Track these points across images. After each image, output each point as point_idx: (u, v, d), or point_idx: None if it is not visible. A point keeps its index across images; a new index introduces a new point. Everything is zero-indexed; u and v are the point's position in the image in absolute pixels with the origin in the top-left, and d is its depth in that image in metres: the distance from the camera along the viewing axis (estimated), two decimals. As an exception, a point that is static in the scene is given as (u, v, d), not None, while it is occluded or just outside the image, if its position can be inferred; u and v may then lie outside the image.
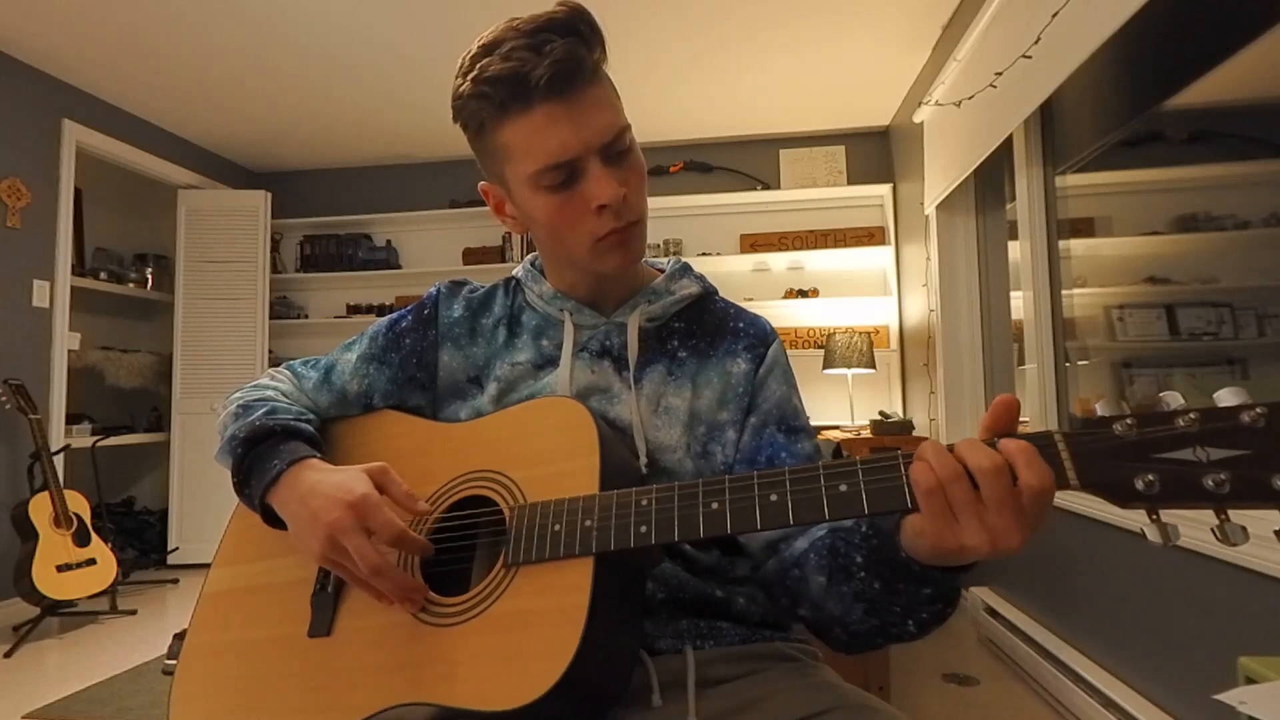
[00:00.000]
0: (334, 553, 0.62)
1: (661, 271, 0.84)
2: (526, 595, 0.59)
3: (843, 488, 0.52)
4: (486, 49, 0.66)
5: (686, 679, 0.62)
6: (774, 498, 0.54)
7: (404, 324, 0.83)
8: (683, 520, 0.56)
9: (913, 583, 0.55)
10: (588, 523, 0.59)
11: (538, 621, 0.57)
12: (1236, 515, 0.44)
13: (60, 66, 3.17)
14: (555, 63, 0.63)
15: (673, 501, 0.57)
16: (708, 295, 0.83)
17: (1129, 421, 0.46)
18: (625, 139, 0.69)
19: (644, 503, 0.58)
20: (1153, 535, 0.45)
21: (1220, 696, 0.83)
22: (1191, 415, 0.44)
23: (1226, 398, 0.44)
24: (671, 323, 0.80)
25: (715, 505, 0.56)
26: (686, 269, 0.84)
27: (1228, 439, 0.43)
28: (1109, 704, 1.70)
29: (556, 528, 0.60)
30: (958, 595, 0.57)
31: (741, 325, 0.81)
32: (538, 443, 0.67)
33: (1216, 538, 0.44)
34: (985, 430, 0.51)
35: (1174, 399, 0.46)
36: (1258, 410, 0.42)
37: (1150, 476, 0.45)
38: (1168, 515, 0.46)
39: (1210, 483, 0.43)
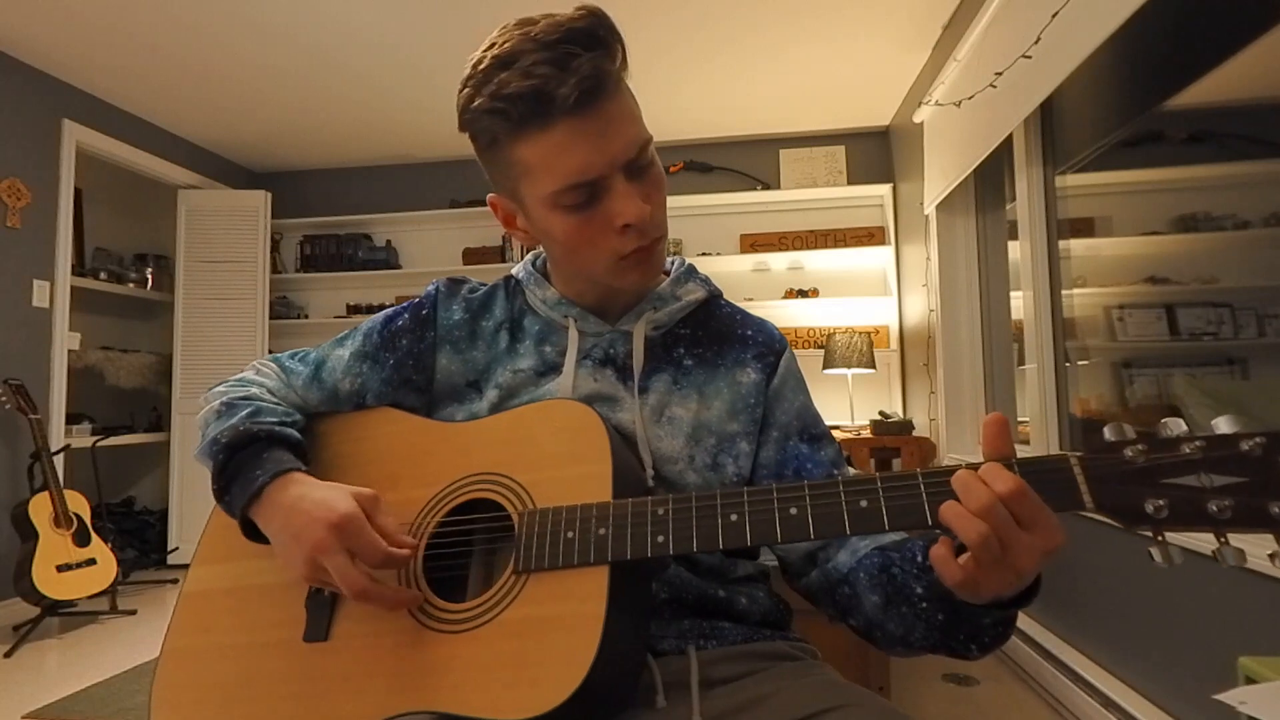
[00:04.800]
0: (317, 574, 0.61)
1: (665, 274, 0.82)
2: (539, 603, 0.58)
3: (863, 503, 0.53)
4: (503, 62, 0.62)
5: (690, 679, 0.62)
6: (794, 511, 0.54)
7: (400, 323, 0.80)
8: (701, 531, 0.56)
9: (974, 615, 0.56)
10: (602, 531, 0.58)
11: (552, 630, 0.56)
12: (1235, 539, 0.46)
13: (60, 66, 3.17)
14: (582, 80, 0.59)
15: (690, 512, 0.57)
16: (713, 299, 0.82)
17: (1139, 447, 0.48)
18: (648, 153, 0.66)
19: (660, 512, 0.57)
20: (1159, 557, 0.47)
21: (1220, 696, 0.83)
22: (1197, 443, 0.46)
23: (1223, 425, 0.46)
24: (677, 329, 0.78)
25: (734, 517, 0.55)
26: (692, 271, 0.82)
27: (1229, 466, 0.45)
28: (1109, 704, 1.70)
29: (569, 535, 0.59)
30: (1015, 617, 0.57)
31: (750, 332, 0.79)
32: (545, 446, 0.65)
33: (1215, 559, 0.46)
34: (986, 455, 0.52)
35: (1176, 425, 0.48)
36: (1256, 439, 0.45)
37: (1160, 501, 0.47)
38: (1170, 536, 0.48)
39: (1214, 508, 0.45)
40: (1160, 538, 0.47)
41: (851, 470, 0.74)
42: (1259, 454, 0.45)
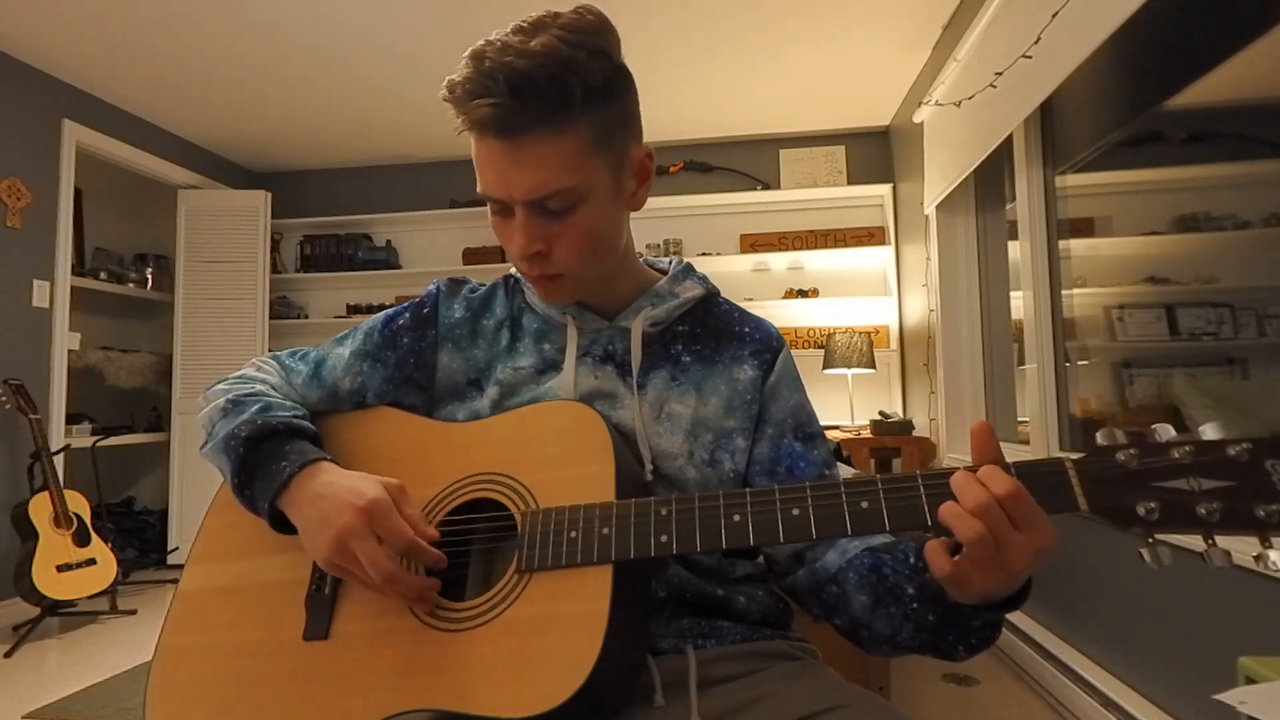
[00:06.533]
0: (342, 558, 0.61)
1: (663, 272, 0.82)
2: (543, 601, 0.58)
3: (864, 504, 0.54)
4: (471, 54, 0.63)
5: (688, 678, 0.62)
6: (796, 511, 0.55)
7: (401, 322, 0.80)
8: (704, 531, 0.57)
9: (963, 617, 0.58)
10: (605, 530, 0.59)
11: (556, 628, 0.56)
12: (1222, 540, 0.48)
13: (60, 66, 3.17)
14: (481, 119, 0.62)
15: (694, 512, 0.57)
16: (711, 297, 0.82)
17: (1131, 451, 0.50)
18: (563, 200, 0.65)
19: (664, 512, 0.58)
20: (1150, 558, 0.49)
21: (1220, 696, 0.83)
22: (1186, 448, 0.49)
23: (1209, 432, 0.49)
24: (675, 326, 0.78)
25: (737, 517, 0.56)
26: (689, 270, 0.83)
27: (1217, 471, 0.47)
28: (1109, 704, 1.70)
29: (572, 534, 0.59)
30: (1003, 620, 0.59)
31: (747, 330, 0.80)
32: (548, 446, 0.65)
33: (1203, 560, 0.48)
34: (975, 461, 0.53)
35: (1166, 431, 0.50)
36: (1242, 445, 0.47)
37: (1151, 504, 0.48)
38: (1161, 537, 0.50)
39: (1203, 511, 0.47)
40: (1151, 539, 0.49)
41: (850, 470, 0.75)
42: (1245, 459, 0.47)
